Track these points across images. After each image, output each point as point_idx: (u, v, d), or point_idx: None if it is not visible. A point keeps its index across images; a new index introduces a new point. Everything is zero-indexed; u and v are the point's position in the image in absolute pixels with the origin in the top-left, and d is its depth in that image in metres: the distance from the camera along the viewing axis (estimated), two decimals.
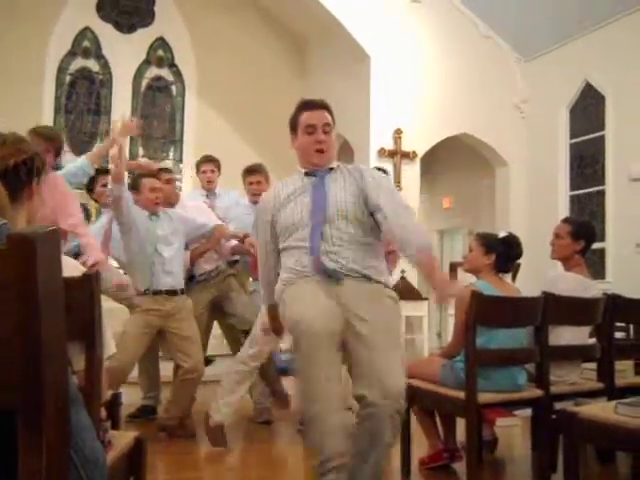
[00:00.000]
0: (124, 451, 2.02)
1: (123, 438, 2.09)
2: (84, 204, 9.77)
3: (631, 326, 4.82)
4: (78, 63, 10.15)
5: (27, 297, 0.82)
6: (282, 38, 10.95)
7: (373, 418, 2.37)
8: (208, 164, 5.17)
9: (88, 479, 1.08)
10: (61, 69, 10.01)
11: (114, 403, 2.62)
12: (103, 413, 1.96)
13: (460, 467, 3.43)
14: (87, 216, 9.19)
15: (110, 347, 1.91)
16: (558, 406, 3.17)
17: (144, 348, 4.23)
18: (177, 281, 4.27)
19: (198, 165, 5.27)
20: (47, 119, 9.78)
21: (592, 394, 3.47)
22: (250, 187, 4.70)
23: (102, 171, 4.80)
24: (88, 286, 1.75)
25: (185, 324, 4.23)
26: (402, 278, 9.02)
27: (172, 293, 4.21)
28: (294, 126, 2.88)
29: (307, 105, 2.89)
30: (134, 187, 4.32)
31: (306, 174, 2.80)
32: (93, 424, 1.28)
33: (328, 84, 10.35)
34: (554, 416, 3.18)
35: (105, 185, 4.64)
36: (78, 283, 1.74)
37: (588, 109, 9.16)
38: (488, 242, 3.46)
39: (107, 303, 3.05)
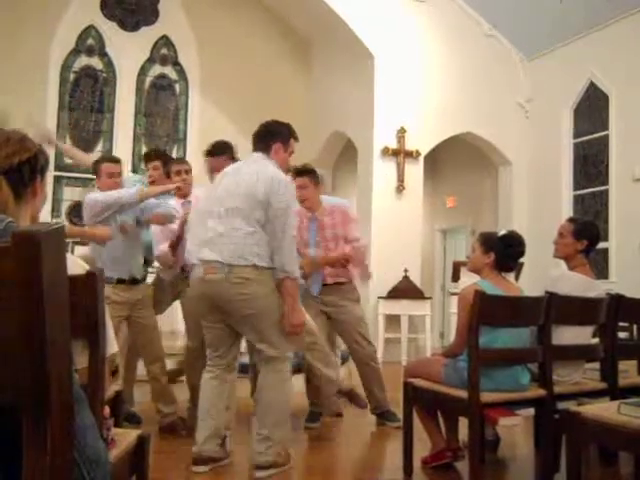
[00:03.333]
0: (127, 449, 2.02)
1: (126, 436, 2.09)
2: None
3: (634, 326, 4.81)
4: (82, 61, 10.18)
5: (32, 295, 0.82)
6: (286, 37, 10.95)
7: None
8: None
9: (90, 478, 1.08)
10: (65, 67, 10.03)
11: (117, 401, 2.63)
12: (106, 411, 1.96)
13: (463, 466, 3.43)
14: None
15: (113, 345, 1.91)
16: (561, 406, 3.17)
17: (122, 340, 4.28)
18: (126, 270, 4.21)
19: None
20: (51, 116, 9.81)
21: (595, 394, 3.46)
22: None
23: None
24: (92, 284, 1.75)
25: (147, 312, 4.30)
26: (405, 277, 9.03)
27: (131, 282, 4.21)
28: (287, 140, 3.53)
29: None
30: (94, 172, 4.32)
31: None
32: (96, 422, 1.28)
33: (332, 83, 10.36)
34: (557, 416, 3.18)
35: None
36: (82, 281, 1.74)
37: (592, 109, 9.15)
38: (487, 241, 3.46)
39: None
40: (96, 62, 10.27)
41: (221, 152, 4.35)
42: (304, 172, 4.59)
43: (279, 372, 3.32)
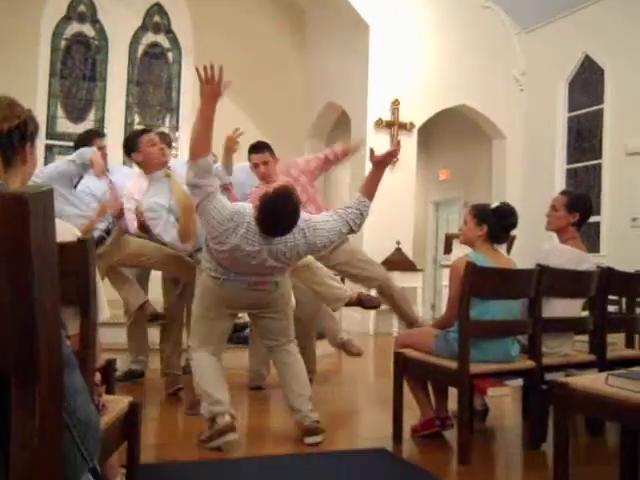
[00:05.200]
0: (118, 416, 2.03)
1: (117, 403, 2.10)
2: None
3: (624, 299, 4.85)
4: (74, 28, 10.04)
5: (20, 257, 0.82)
6: (281, 6, 10.83)
7: None
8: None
9: (81, 441, 1.09)
10: (56, 34, 9.90)
11: (109, 368, 2.64)
12: (98, 377, 1.97)
13: (451, 435, 3.47)
14: None
15: (104, 311, 1.91)
16: (549, 377, 3.21)
17: None
18: None
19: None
20: (42, 84, 9.71)
21: (583, 366, 3.50)
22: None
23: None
24: (83, 251, 1.75)
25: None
26: (397, 249, 9.05)
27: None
28: None
29: None
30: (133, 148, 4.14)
31: None
32: (87, 388, 1.28)
33: (327, 54, 10.28)
34: (545, 387, 3.22)
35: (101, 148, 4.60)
36: (73, 248, 1.74)
37: (587, 82, 9.11)
38: (480, 213, 3.46)
39: None
40: (88, 29, 10.14)
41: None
42: (264, 147, 4.42)
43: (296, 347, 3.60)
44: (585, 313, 3.85)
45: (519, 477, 3.20)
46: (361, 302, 4.29)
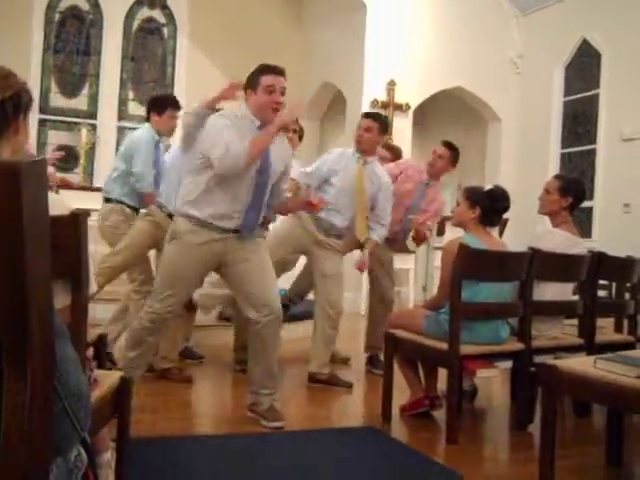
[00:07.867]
0: (109, 390, 2.04)
1: (108, 377, 2.11)
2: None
3: (614, 284, 4.88)
4: (68, 1, 9.91)
5: (12, 227, 0.82)
6: None
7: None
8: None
9: (72, 411, 1.09)
10: (50, 7, 9.77)
11: (100, 343, 2.64)
12: (89, 352, 1.97)
13: (440, 415, 3.51)
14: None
15: (92, 285, 1.91)
16: (538, 360, 3.24)
17: None
18: None
19: None
20: (36, 58, 9.60)
21: (572, 349, 3.54)
22: None
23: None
24: (76, 225, 1.74)
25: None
26: None
27: None
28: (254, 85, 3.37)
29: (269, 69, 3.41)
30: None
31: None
32: (78, 359, 1.29)
33: (323, 33, 10.20)
34: (533, 369, 3.25)
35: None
36: (66, 222, 1.74)
37: (584, 67, 9.08)
38: (473, 196, 3.47)
39: None
40: (82, 3, 10.00)
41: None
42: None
43: None
44: (576, 297, 3.88)
45: (506, 457, 3.24)
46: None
